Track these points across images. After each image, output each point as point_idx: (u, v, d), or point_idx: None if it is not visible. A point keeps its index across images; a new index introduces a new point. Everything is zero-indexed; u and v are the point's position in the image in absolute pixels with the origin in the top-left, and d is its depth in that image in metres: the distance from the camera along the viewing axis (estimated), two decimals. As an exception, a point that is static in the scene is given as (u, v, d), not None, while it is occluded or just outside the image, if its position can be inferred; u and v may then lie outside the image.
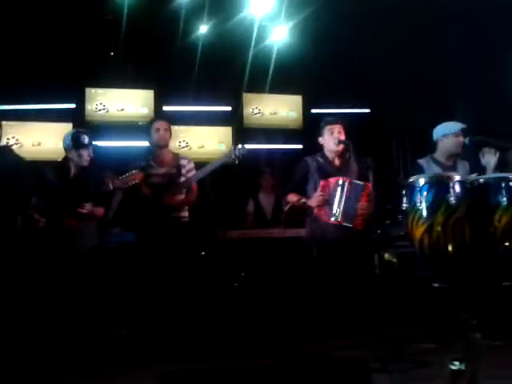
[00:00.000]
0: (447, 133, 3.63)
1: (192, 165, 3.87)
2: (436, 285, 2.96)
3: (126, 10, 5.77)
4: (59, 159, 3.72)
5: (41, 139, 5.87)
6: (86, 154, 3.55)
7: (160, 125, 3.81)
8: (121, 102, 6.14)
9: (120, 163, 4.10)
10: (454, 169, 3.57)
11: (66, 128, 5.86)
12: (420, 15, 5.53)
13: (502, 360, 2.79)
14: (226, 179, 5.37)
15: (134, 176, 3.48)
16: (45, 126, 5.92)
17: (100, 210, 3.58)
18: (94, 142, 3.66)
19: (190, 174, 3.80)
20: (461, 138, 3.59)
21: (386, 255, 3.85)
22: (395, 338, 2.92)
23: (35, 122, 5.86)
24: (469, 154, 3.69)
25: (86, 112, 6.03)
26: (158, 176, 3.74)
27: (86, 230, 3.51)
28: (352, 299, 3.25)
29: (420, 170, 3.55)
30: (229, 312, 3.76)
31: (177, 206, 3.74)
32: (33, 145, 5.85)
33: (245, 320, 3.67)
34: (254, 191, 5.33)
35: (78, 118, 5.94)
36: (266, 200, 5.23)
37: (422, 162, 3.70)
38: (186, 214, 3.81)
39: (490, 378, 2.30)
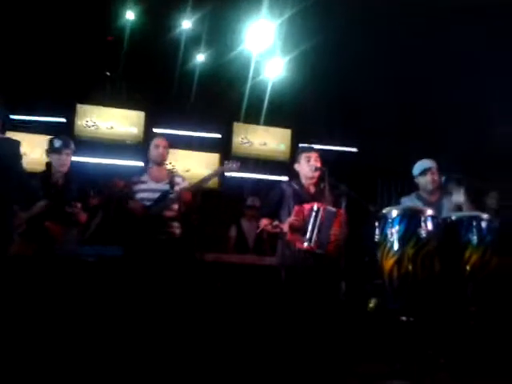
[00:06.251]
0: (419, 172, 3.69)
1: (186, 183, 3.90)
2: (403, 318, 2.91)
3: (127, 33, 5.92)
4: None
5: (27, 150, 5.83)
6: (56, 159, 3.57)
7: (160, 142, 3.86)
8: (111, 120, 6.17)
9: (106, 180, 4.09)
10: (438, 205, 3.57)
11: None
12: (410, 62, 5.68)
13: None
14: (211, 204, 5.37)
15: (115, 183, 3.51)
16: (32, 137, 5.92)
17: (84, 216, 3.56)
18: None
19: None
20: (431, 176, 3.62)
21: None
22: (359, 373, 2.84)
23: (22, 133, 5.79)
24: (445, 192, 3.70)
25: (76, 127, 6.08)
26: (150, 191, 3.75)
27: (67, 236, 3.48)
28: (318, 329, 3.18)
29: None
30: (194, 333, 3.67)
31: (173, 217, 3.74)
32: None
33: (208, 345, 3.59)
34: (237, 218, 5.32)
35: (66, 132, 5.94)
36: (248, 227, 5.22)
37: (405, 199, 3.74)
38: (177, 230, 3.78)
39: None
